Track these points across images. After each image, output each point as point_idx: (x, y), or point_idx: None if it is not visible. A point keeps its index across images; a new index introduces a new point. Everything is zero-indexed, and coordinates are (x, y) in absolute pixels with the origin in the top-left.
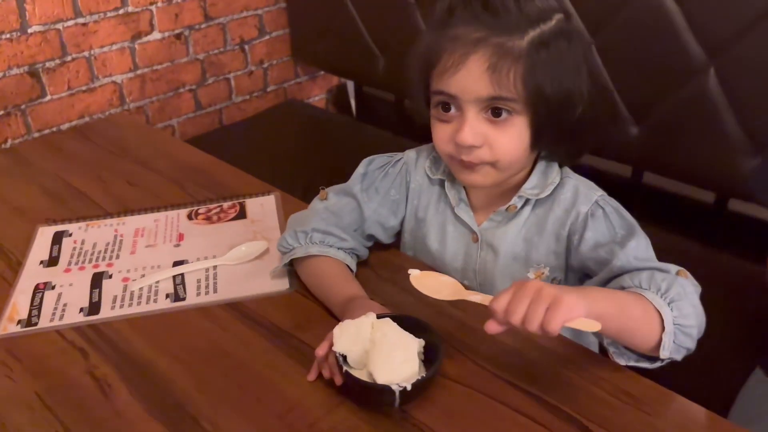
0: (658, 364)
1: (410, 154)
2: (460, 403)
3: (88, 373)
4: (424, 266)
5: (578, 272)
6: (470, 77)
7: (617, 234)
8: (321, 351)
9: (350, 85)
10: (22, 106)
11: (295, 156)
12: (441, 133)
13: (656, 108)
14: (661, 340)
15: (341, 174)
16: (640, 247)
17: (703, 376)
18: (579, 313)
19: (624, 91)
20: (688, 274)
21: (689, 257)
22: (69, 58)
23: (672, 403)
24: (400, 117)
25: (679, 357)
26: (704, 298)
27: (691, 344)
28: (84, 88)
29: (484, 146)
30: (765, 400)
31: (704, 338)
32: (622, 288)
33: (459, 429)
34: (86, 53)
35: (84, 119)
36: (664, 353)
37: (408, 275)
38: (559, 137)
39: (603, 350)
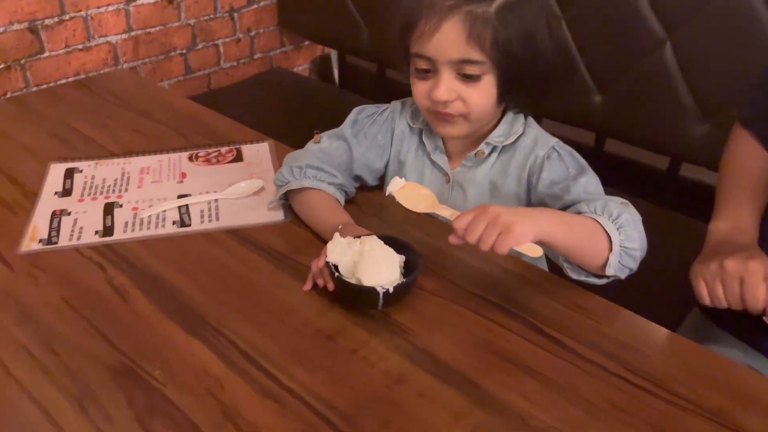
0: (604, 281)
1: (396, 104)
2: (435, 310)
3: (108, 283)
4: (402, 209)
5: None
6: (444, 41)
7: (570, 173)
8: (316, 264)
9: (334, 56)
10: (22, 61)
11: (279, 120)
12: (419, 89)
13: (618, 78)
14: (608, 259)
15: None
16: (590, 183)
17: (646, 312)
18: (526, 241)
19: (589, 62)
20: (629, 204)
21: (644, 215)
22: (67, 17)
23: (618, 314)
24: (382, 86)
25: (622, 275)
26: (655, 248)
27: (634, 265)
28: (80, 46)
29: (457, 101)
30: (699, 330)
31: (647, 278)
32: (579, 213)
33: (433, 330)
34: (83, 13)
35: (80, 76)
36: (610, 271)
37: (391, 199)
38: (524, 91)
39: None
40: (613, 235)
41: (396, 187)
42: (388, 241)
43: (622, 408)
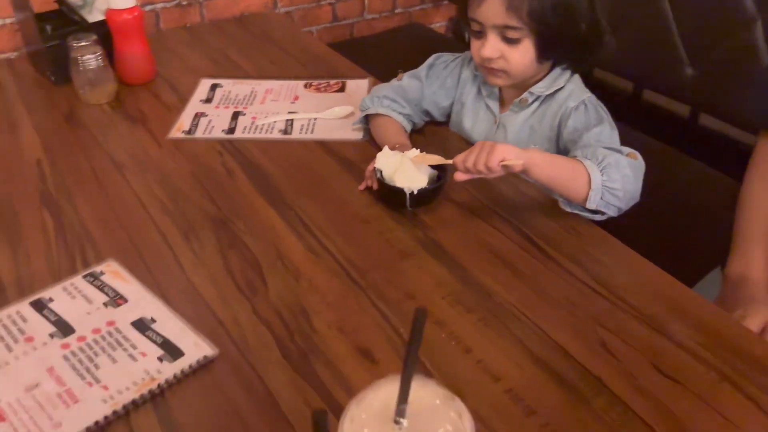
0: (599, 217)
1: (466, 54)
2: (455, 216)
3: (222, 165)
4: (460, 141)
5: (564, 153)
6: (490, 9)
7: (590, 123)
8: (368, 169)
9: None
10: (201, 0)
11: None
12: (473, 47)
13: (710, 52)
14: (588, 195)
15: None
16: (603, 133)
17: (668, 263)
18: (509, 156)
19: (683, 33)
20: (637, 155)
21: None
22: None
23: (605, 240)
24: None
25: (610, 212)
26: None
27: (619, 203)
28: None
29: (500, 59)
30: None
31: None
32: (574, 157)
33: (448, 229)
34: None
35: (242, 15)
36: (591, 205)
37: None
38: (563, 52)
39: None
40: (594, 174)
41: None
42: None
43: (573, 302)
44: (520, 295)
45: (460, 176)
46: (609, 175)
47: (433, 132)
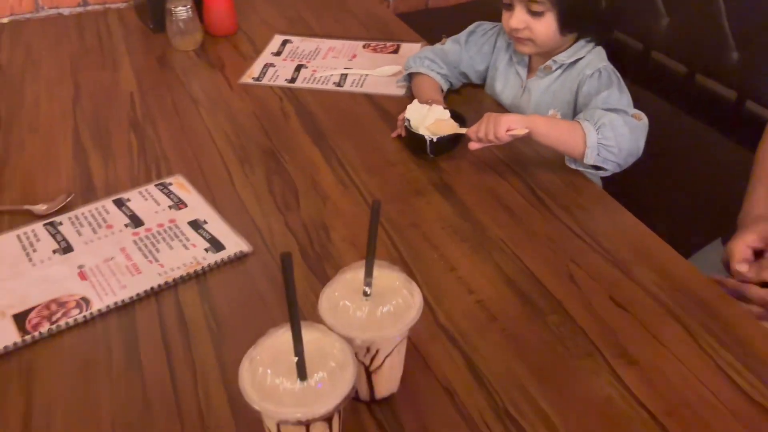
0: (601, 173)
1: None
2: (470, 166)
3: (280, 109)
4: (493, 103)
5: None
6: None
7: (601, 88)
8: (399, 118)
9: None
10: None
11: None
12: (504, 18)
13: (756, 38)
14: (584, 151)
15: None
16: (611, 96)
17: (671, 229)
18: (514, 125)
19: (731, 18)
20: (642, 116)
21: None
22: None
23: (602, 197)
24: None
25: (609, 167)
26: None
27: (616, 159)
28: None
29: (525, 29)
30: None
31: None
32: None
33: (461, 176)
34: None
35: None
36: (588, 160)
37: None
38: (585, 25)
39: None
40: (590, 133)
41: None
42: (453, 113)
43: (553, 240)
44: (510, 232)
45: (473, 145)
46: (603, 134)
47: (469, 93)
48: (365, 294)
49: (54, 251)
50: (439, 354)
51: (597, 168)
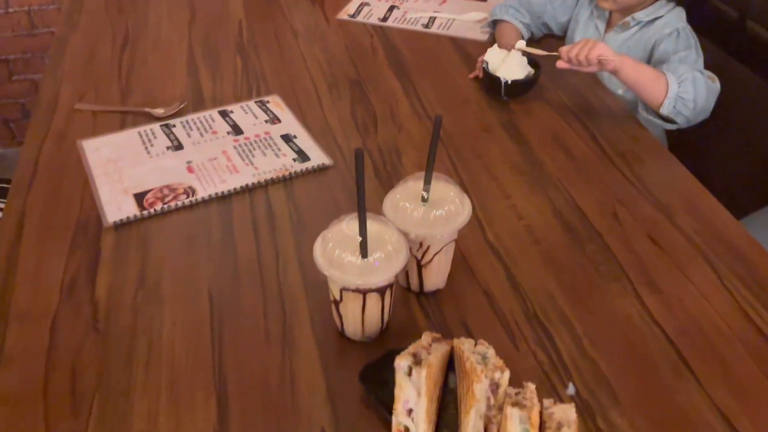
0: (669, 126)
1: None
2: (540, 110)
3: (369, 44)
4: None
5: None
6: None
7: (679, 48)
8: (479, 59)
9: None
10: None
11: None
12: None
13: None
14: (663, 102)
15: None
16: (689, 57)
17: (728, 190)
18: (606, 53)
19: None
20: (716, 79)
21: None
22: None
23: (661, 152)
24: None
25: (679, 120)
26: None
27: (689, 114)
28: None
29: None
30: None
31: None
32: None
33: (530, 118)
34: None
35: None
36: (663, 110)
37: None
38: None
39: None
40: (672, 84)
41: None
42: (529, 60)
43: (605, 183)
44: (566, 172)
45: (561, 64)
46: (684, 88)
47: (548, 43)
48: (423, 199)
49: (167, 147)
50: (483, 264)
51: (667, 121)
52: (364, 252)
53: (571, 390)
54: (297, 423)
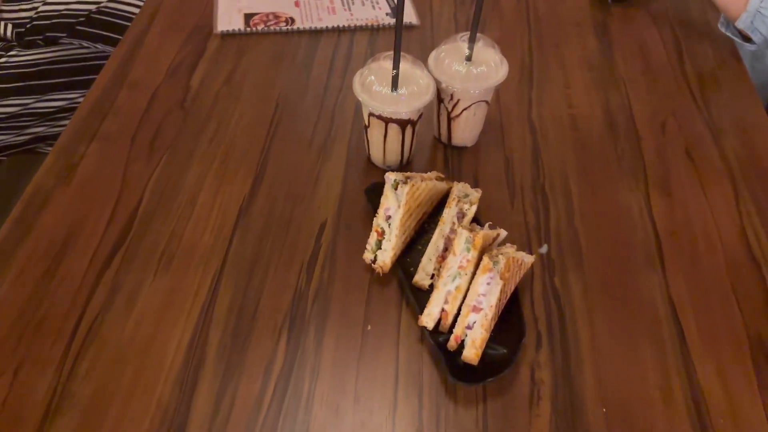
0: (748, 45)
1: None
2: (636, 16)
3: None
4: None
5: None
6: None
7: None
8: None
9: None
10: None
11: None
12: None
13: None
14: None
15: None
16: None
17: None
18: None
19: None
20: None
21: None
22: None
23: (740, 76)
24: None
25: (756, 38)
26: None
27: (765, 33)
28: None
29: None
30: None
31: None
32: None
33: (624, 24)
34: None
35: None
36: (740, 24)
37: None
38: None
39: None
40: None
41: None
42: None
43: (668, 93)
44: (633, 76)
45: None
46: (766, 4)
47: None
48: (468, 59)
49: None
50: (515, 135)
51: (744, 39)
52: (395, 85)
53: (543, 249)
54: (309, 209)
